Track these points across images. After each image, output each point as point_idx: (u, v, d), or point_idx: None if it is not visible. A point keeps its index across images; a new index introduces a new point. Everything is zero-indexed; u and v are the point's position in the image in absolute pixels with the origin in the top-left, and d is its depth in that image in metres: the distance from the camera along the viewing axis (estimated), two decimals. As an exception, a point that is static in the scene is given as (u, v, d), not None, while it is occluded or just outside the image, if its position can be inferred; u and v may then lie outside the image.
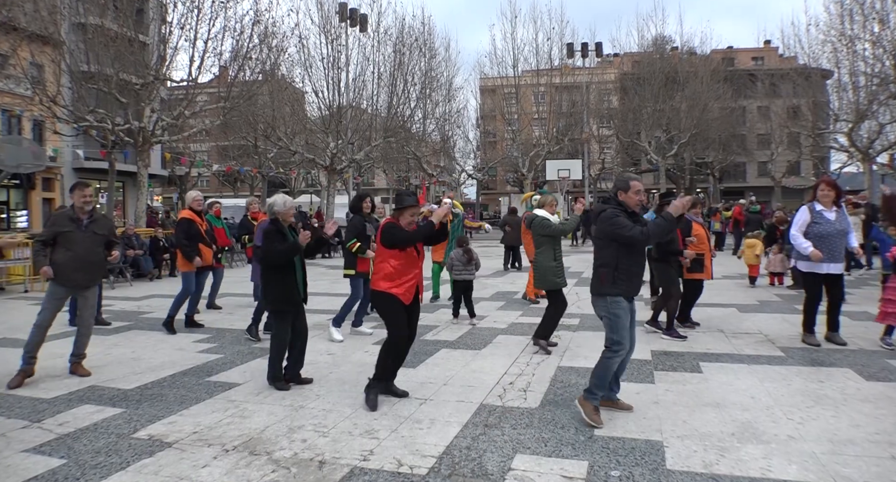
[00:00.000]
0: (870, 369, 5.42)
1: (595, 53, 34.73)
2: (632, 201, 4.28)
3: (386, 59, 26.38)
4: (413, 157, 33.55)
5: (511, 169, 38.38)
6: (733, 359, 5.85)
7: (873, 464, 3.45)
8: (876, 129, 28.12)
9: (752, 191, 26.84)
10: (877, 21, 22.60)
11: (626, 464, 3.52)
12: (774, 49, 44.35)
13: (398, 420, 4.28)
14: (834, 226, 6.15)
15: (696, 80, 34.90)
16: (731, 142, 41.62)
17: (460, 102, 45.38)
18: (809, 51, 30.51)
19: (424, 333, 7.33)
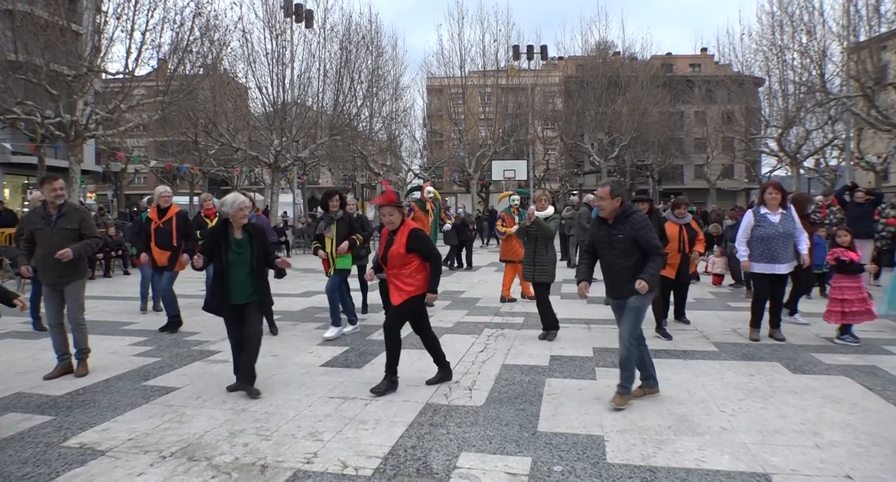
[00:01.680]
0: (796, 362, 5.71)
1: (540, 56, 35.21)
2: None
3: (332, 56, 26.07)
4: (359, 156, 33.23)
5: (457, 169, 38.56)
6: (670, 355, 6.06)
7: (799, 453, 3.63)
8: (803, 135, 29.66)
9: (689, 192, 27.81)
10: (805, 32, 23.78)
11: (568, 458, 3.59)
12: (710, 56, 46.19)
13: (343, 421, 4.25)
14: (776, 228, 6.40)
15: (637, 84, 35.89)
16: (670, 145, 43.00)
17: (407, 101, 45.27)
18: (743, 59, 31.90)
19: (370, 333, 7.30)
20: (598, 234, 4.66)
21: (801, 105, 27.38)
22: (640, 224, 4.46)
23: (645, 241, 4.43)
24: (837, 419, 4.20)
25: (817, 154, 31.52)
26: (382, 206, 4.94)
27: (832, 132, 29.26)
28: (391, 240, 4.93)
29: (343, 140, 28.76)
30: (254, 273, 4.90)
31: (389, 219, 4.90)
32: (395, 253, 4.85)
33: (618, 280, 4.53)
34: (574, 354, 6.09)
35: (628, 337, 4.48)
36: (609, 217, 4.57)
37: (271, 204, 24.47)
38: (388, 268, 4.91)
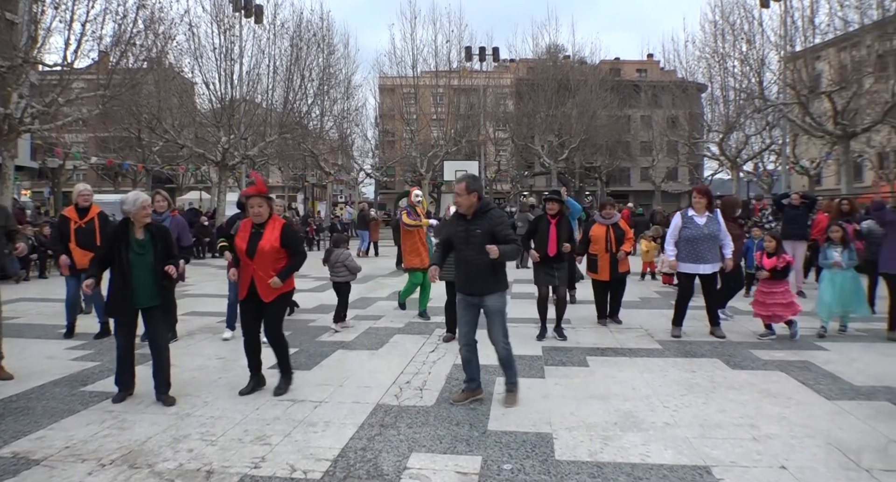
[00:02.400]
0: (735, 359, 5.93)
1: (492, 58, 35.51)
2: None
3: (282, 52, 25.61)
4: (310, 155, 32.76)
5: (409, 169, 38.50)
6: (617, 353, 6.21)
7: (737, 446, 3.78)
8: (743, 140, 30.86)
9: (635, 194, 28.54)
10: (745, 41, 24.74)
11: (517, 456, 3.64)
12: (656, 62, 47.46)
13: (291, 424, 4.18)
14: (702, 230, 6.69)
15: (586, 88, 36.60)
16: (617, 148, 44.06)
17: (359, 100, 44.97)
18: (687, 66, 32.97)
19: (320, 334, 7.21)
20: (456, 229, 4.66)
21: (741, 111, 28.52)
22: (498, 220, 4.58)
23: (503, 237, 4.51)
24: (773, 412, 4.38)
25: (756, 158, 32.87)
26: (252, 196, 4.80)
27: (770, 137, 30.55)
28: (258, 233, 4.78)
29: (293, 138, 28.32)
30: (157, 275, 4.71)
31: (258, 210, 4.75)
32: (268, 247, 4.72)
33: (474, 276, 4.54)
34: (523, 353, 6.16)
35: (503, 338, 4.60)
36: (467, 212, 4.59)
37: (218, 203, 23.88)
38: (257, 262, 4.73)
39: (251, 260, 4.76)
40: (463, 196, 4.56)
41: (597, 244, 7.59)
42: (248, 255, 4.76)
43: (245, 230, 4.86)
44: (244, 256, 4.80)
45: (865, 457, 3.58)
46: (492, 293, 4.57)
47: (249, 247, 4.76)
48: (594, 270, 7.66)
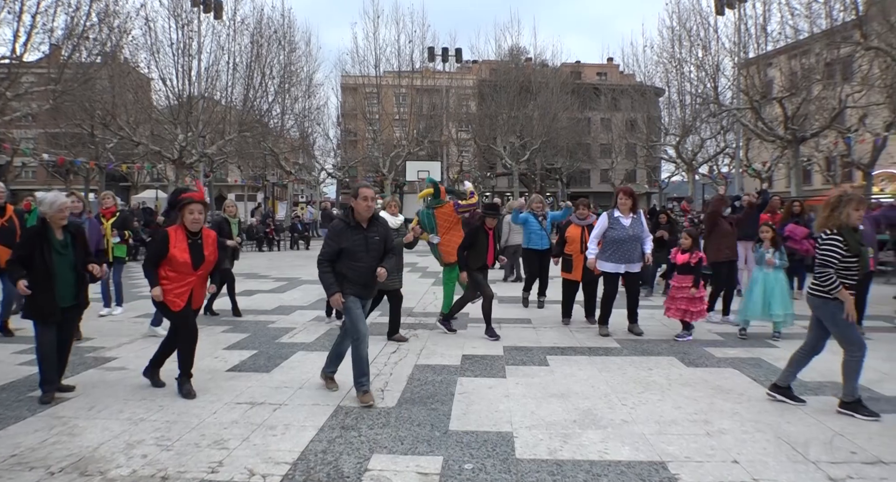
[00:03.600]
0: (690, 357, 6.08)
1: (455, 59, 35.68)
2: (360, 207, 4.65)
3: (242, 49, 25.24)
4: (270, 154, 32.31)
5: (371, 169, 38.28)
6: (576, 352, 6.30)
7: (692, 441, 3.88)
8: (698, 143, 31.70)
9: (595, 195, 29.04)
10: (701, 47, 25.42)
11: (478, 456, 3.65)
12: (616, 66, 48.32)
13: (250, 428, 4.12)
14: (627, 231, 6.84)
15: (548, 90, 37.01)
16: (578, 150, 44.65)
17: (321, 99, 44.42)
18: (645, 70, 33.76)
19: (279, 336, 7.12)
20: (354, 238, 4.61)
21: (697, 115, 29.31)
22: (387, 224, 4.89)
23: (392, 240, 4.82)
24: (726, 408, 4.51)
25: (711, 161, 33.79)
26: (194, 202, 4.79)
27: (724, 141, 31.44)
28: (197, 243, 4.77)
29: (253, 137, 27.87)
30: (79, 275, 4.78)
31: (198, 217, 4.75)
32: (212, 258, 4.89)
33: (373, 281, 4.73)
34: (485, 353, 6.20)
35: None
36: (364, 220, 4.67)
37: (175, 202, 23.31)
38: (200, 272, 4.80)
39: (195, 271, 4.77)
40: (375, 202, 4.75)
41: (572, 245, 7.73)
42: (194, 267, 4.75)
43: (180, 240, 4.73)
44: (187, 268, 4.72)
45: (812, 450, 3.71)
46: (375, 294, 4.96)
47: (195, 259, 4.74)
48: (568, 270, 7.80)
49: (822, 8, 19.30)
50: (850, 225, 4.32)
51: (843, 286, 4.27)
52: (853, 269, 4.31)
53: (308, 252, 20.98)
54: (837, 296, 4.28)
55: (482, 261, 6.90)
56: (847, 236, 4.30)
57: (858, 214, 4.32)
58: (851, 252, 4.27)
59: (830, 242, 4.33)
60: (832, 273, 4.30)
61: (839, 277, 4.30)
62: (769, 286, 6.76)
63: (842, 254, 4.29)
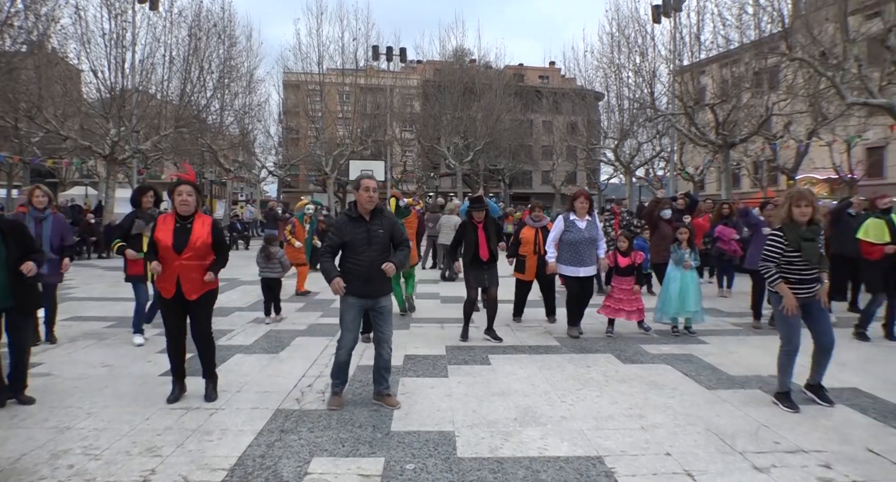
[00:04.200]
0: (626, 354, 6.27)
1: (399, 58, 35.52)
2: (361, 199, 4.57)
3: (179, 42, 24.34)
4: (208, 151, 31.36)
5: (314, 167, 37.75)
6: (517, 351, 6.38)
7: (627, 435, 3.99)
8: (636, 147, 32.70)
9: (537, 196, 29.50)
10: (638, 54, 26.22)
11: (420, 456, 3.66)
12: (558, 70, 49.25)
13: (185, 433, 3.99)
14: (583, 234, 6.97)
15: (491, 92, 37.39)
16: (520, 151, 45.27)
17: (262, 95, 43.46)
18: (586, 74, 34.55)
19: (217, 338, 6.90)
20: (356, 230, 4.52)
21: (635, 119, 30.21)
22: (394, 218, 4.70)
23: (399, 235, 4.64)
24: (660, 403, 4.67)
25: (647, 164, 34.91)
26: (182, 183, 4.57)
27: (660, 145, 32.53)
28: (185, 227, 4.55)
29: (190, 133, 27.00)
30: (12, 274, 4.43)
31: (186, 198, 4.52)
32: (199, 243, 4.54)
33: (378, 277, 4.49)
34: (427, 353, 6.21)
35: (390, 340, 4.70)
36: (367, 213, 4.57)
37: (107, 199, 22.35)
38: (185, 258, 4.50)
39: (179, 255, 4.50)
40: (378, 194, 4.59)
41: (526, 246, 7.82)
42: (177, 251, 4.50)
43: (167, 224, 4.59)
44: (169, 252, 4.51)
45: (740, 441, 3.89)
46: (386, 294, 4.64)
47: (177, 242, 4.51)
48: (522, 271, 7.89)
49: (751, 19, 20.26)
50: (795, 221, 4.55)
51: (783, 280, 4.54)
52: (796, 264, 4.53)
53: (248, 252, 20.48)
54: (777, 290, 4.56)
55: (473, 256, 6.76)
56: (787, 232, 4.54)
57: (800, 210, 4.52)
58: (792, 247, 4.51)
59: (771, 238, 4.61)
60: (771, 267, 4.57)
61: (783, 271, 4.56)
62: (685, 284, 7.08)
63: (782, 249, 4.54)
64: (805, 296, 4.56)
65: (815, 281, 4.57)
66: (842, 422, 4.27)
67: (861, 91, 15.55)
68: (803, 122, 23.76)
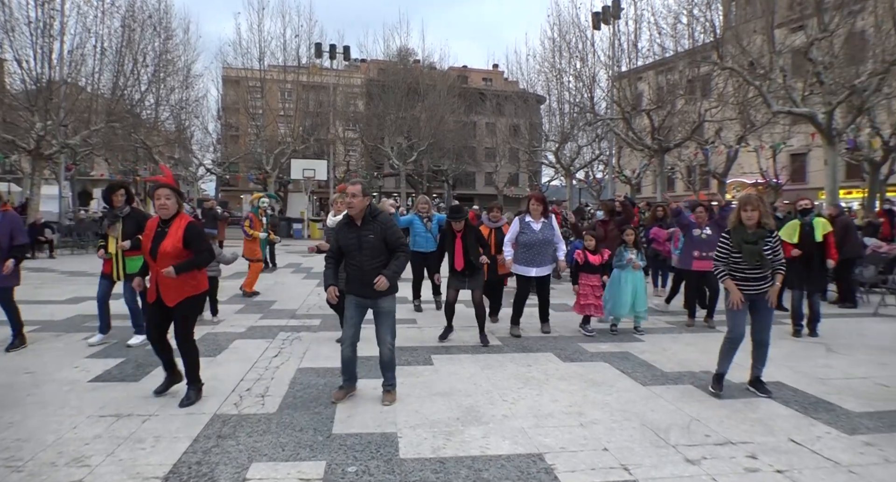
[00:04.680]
0: (566, 352, 6.40)
1: (343, 56, 35.15)
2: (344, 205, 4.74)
3: (112, 33, 23.32)
4: (142, 147, 30.17)
5: (254, 165, 36.87)
6: (460, 351, 6.43)
7: (567, 432, 4.08)
8: (576, 150, 33.44)
9: (480, 198, 29.82)
10: (579, 59, 26.81)
11: (362, 458, 3.63)
12: (501, 73, 49.91)
13: (115, 442, 3.83)
14: (538, 235, 7.11)
15: (435, 93, 37.48)
16: (464, 153, 45.61)
17: (199, 91, 42.10)
18: (528, 78, 35.11)
19: (151, 342, 6.66)
20: (347, 235, 4.63)
21: (575, 123, 30.90)
22: (389, 223, 4.69)
23: (394, 241, 4.62)
24: (598, 400, 4.79)
25: (587, 167, 35.77)
26: (159, 186, 4.48)
27: (599, 149, 33.41)
28: (163, 231, 4.49)
29: (123, 128, 25.87)
30: None
31: (164, 203, 4.46)
32: (170, 248, 4.43)
33: (369, 280, 4.53)
34: (370, 354, 6.13)
35: (391, 340, 4.74)
36: (358, 217, 4.62)
37: (31, 196, 21.19)
38: (159, 264, 4.42)
39: (154, 261, 4.44)
40: (359, 198, 4.56)
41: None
42: (152, 256, 4.45)
43: (151, 228, 4.56)
44: (148, 257, 4.49)
45: (673, 435, 4.04)
46: (387, 295, 4.64)
47: (153, 247, 4.44)
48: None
49: (685, 29, 21.07)
50: (745, 224, 4.86)
51: (729, 277, 4.90)
52: (741, 264, 4.86)
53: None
54: (724, 285, 4.95)
55: (452, 266, 6.81)
56: (733, 234, 4.90)
57: (746, 215, 4.84)
58: (735, 248, 4.85)
59: (721, 239, 5.01)
60: (720, 265, 4.98)
61: (732, 270, 4.93)
62: (634, 286, 7.33)
63: (728, 249, 4.92)
64: (751, 293, 4.87)
65: (762, 280, 4.86)
66: (767, 414, 4.49)
67: (786, 100, 16.41)
68: (733, 128, 24.90)
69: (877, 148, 21.80)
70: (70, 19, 21.84)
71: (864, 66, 16.85)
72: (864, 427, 4.24)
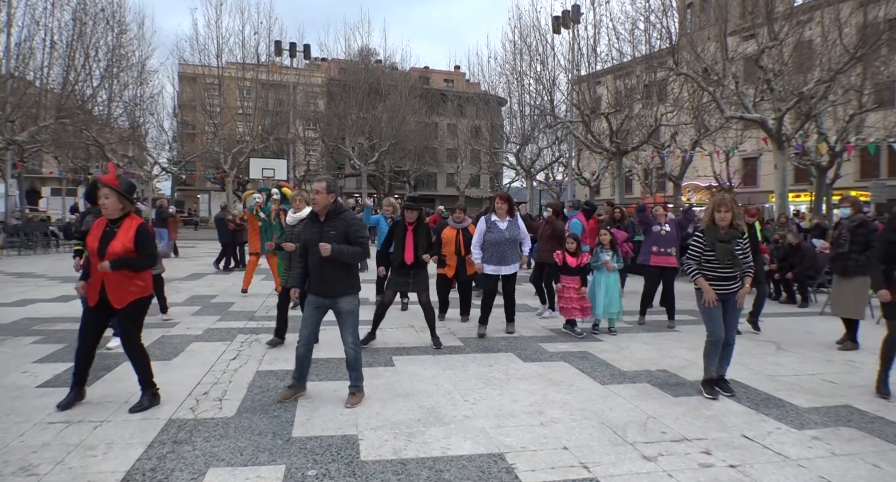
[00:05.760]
0: (526, 352, 6.46)
1: (303, 55, 34.76)
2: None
3: (63, 26, 22.61)
4: (94, 144, 29.22)
5: (212, 164, 36.13)
6: (421, 352, 6.42)
7: (527, 432, 4.12)
8: (536, 152, 33.81)
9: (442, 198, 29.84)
10: (539, 62, 27.13)
11: (322, 461, 3.60)
12: (463, 74, 50.13)
13: (65, 449, 3.70)
14: (504, 234, 7.17)
15: (397, 93, 37.41)
16: (425, 154, 45.65)
17: (155, 87, 40.92)
18: (489, 80, 35.35)
19: (100, 346, 6.46)
20: (311, 230, 4.68)
21: (535, 125, 31.25)
22: (353, 220, 4.71)
23: (356, 237, 4.64)
24: (558, 399, 4.85)
25: (547, 169, 36.19)
26: (101, 185, 4.36)
27: (559, 151, 33.85)
28: (112, 231, 4.36)
29: (74, 124, 25.06)
30: None
31: (104, 202, 4.33)
32: (120, 249, 4.31)
33: (330, 278, 4.59)
34: (330, 356, 6.11)
35: (353, 340, 4.72)
36: (321, 213, 4.66)
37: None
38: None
39: (101, 261, 4.30)
40: (322, 194, 4.59)
41: (447, 246, 7.95)
42: (100, 256, 4.30)
43: (98, 228, 4.40)
44: (94, 257, 4.33)
45: (630, 433, 4.12)
46: (345, 295, 4.63)
47: (101, 247, 4.30)
48: (443, 266, 8.08)
49: (642, 35, 21.54)
50: (716, 224, 4.96)
51: (702, 276, 4.98)
52: (713, 262, 4.96)
53: (138, 253, 19.28)
54: (697, 284, 5.01)
55: (399, 259, 6.64)
56: (706, 233, 4.99)
57: (720, 216, 4.95)
58: (708, 247, 4.95)
59: (693, 239, 5.08)
60: (693, 264, 5.05)
61: (704, 269, 5.01)
62: (608, 287, 7.47)
63: (701, 248, 5.00)
64: (722, 292, 4.98)
65: (733, 279, 4.99)
66: (720, 411, 4.62)
67: (738, 106, 16.93)
68: (688, 132, 25.54)
69: (823, 153, 22.68)
70: (18, 11, 21.09)
71: (812, 74, 17.53)
72: (812, 422, 4.41)
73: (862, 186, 27.05)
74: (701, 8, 23.48)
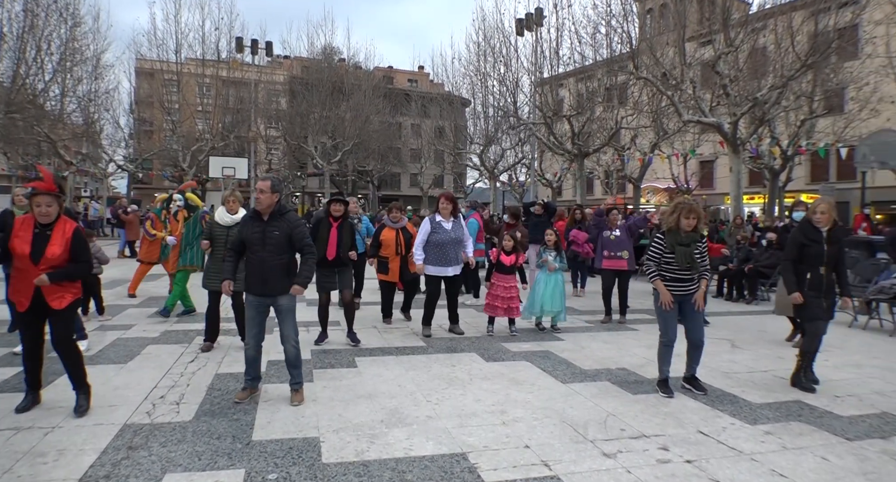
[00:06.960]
0: (489, 352, 6.50)
1: (265, 52, 34.22)
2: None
3: (13, 17, 21.79)
4: (46, 141, 28.20)
5: (170, 163, 35.25)
6: (384, 352, 6.40)
7: (490, 431, 4.14)
8: (500, 153, 34.05)
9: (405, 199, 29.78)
10: (503, 64, 27.32)
11: (283, 465, 3.55)
12: (427, 74, 50.14)
13: (13, 457, 3.56)
14: (449, 234, 7.17)
15: (360, 92, 37.14)
16: (389, 153, 45.46)
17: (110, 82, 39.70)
18: (453, 80, 35.43)
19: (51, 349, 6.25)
20: (252, 230, 4.65)
21: (499, 127, 31.45)
22: (296, 222, 4.71)
23: (299, 240, 4.66)
24: (520, 398, 4.89)
25: (510, 170, 36.46)
26: (39, 193, 4.15)
27: (522, 152, 34.14)
28: (44, 234, 4.17)
29: (24, 119, 24.15)
30: None
31: (46, 210, 4.14)
32: (59, 253, 4.18)
33: (271, 276, 4.58)
34: (293, 358, 6.03)
35: (294, 337, 4.74)
36: (265, 213, 4.64)
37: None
38: (43, 269, 4.12)
39: (36, 266, 4.11)
40: (266, 194, 4.57)
41: (387, 248, 7.81)
42: (34, 260, 4.11)
43: (26, 230, 4.17)
44: (26, 262, 4.12)
45: (591, 430, 4.18)
46: (285, 293, 4.62)
47: (35, 251, 4.11)
48: (384, 272, 7.89)
49: (604, 39, 21.89)
50: (679, 228, 5.03)
51: (661, 277, 5.06)
52: (672, 264, 5.04)
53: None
54: (654, 286, 5.10)
55: (321, 256, 6.29)
56: (668, 236, 5.06)
57: (687, 221, 5.01)
58: (669, 250, 5.03)
59: (655, 240, 5.16)
60: (652, 265, 5.12)
61: (663, 270, 5.08)
62: (550, 286, 7.50)
63: (661, 250, 5.08)
64: (680, 293, 5.07)
65: (690, 281, 5.09)
66: (678, 408, 4.72)
67: (695, 110, 17.34)
68: (647, 135, 26.04)
69: (776, 156, 23.41)
70: (-37, 2, 20.23)
71: (766, 80, 18.09)
72: (764, 417, 4.55)
73: (812, 189, 28.01)
74: (660, 14, 24.01)
